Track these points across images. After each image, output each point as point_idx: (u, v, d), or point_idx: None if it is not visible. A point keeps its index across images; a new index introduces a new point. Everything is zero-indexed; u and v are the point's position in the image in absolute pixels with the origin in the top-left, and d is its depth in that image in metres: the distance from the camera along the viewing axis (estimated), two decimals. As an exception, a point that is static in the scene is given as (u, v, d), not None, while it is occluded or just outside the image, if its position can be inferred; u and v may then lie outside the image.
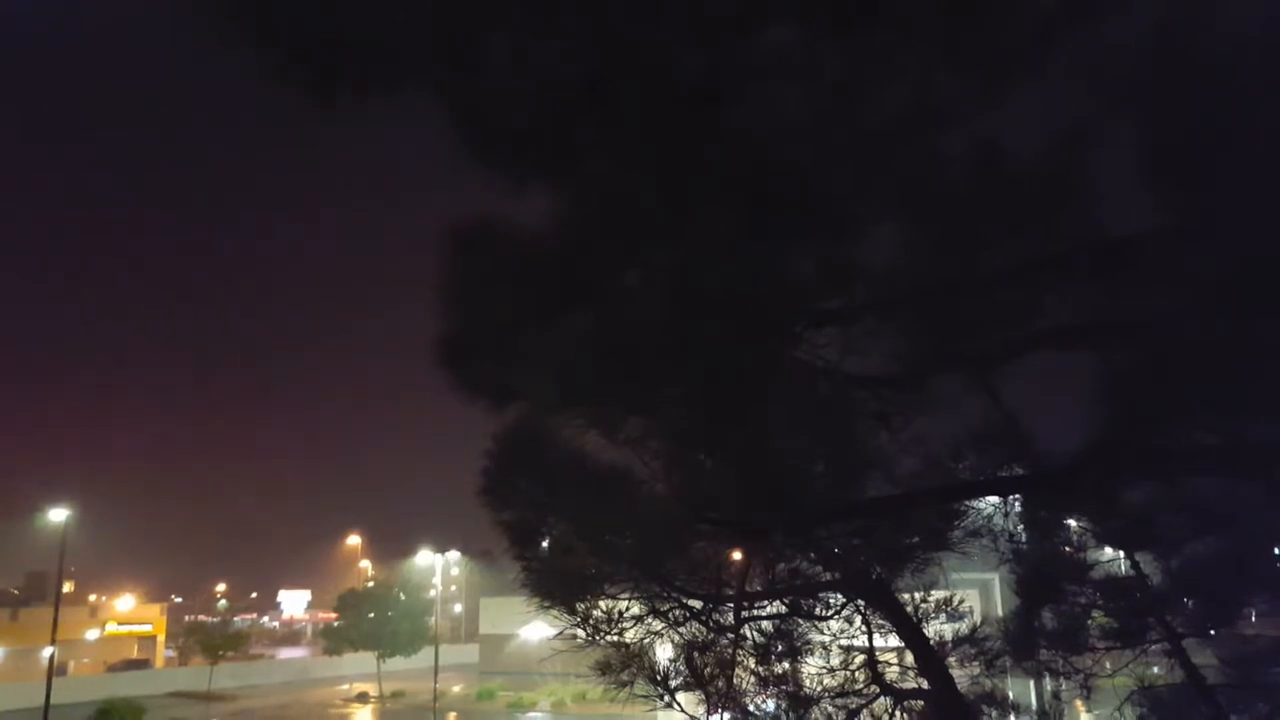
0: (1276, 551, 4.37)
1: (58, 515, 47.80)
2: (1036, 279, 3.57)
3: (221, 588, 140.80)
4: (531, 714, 43.11)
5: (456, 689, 51.20)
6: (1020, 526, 4.54)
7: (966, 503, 4.33)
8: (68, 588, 65.50)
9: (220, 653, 54.57)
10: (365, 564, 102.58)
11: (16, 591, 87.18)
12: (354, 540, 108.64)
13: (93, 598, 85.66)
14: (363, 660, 55.08)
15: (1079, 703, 4.61)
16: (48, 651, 46.51)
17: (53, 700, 42.18)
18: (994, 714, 4.38)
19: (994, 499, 4.49)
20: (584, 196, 3.68)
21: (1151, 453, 3.71)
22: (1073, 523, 4.49)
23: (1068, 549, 4.46)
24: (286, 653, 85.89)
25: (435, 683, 38.31)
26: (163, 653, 76.07)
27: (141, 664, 68.41)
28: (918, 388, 3.91)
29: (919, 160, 3.59)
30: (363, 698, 50.96)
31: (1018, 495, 4.48)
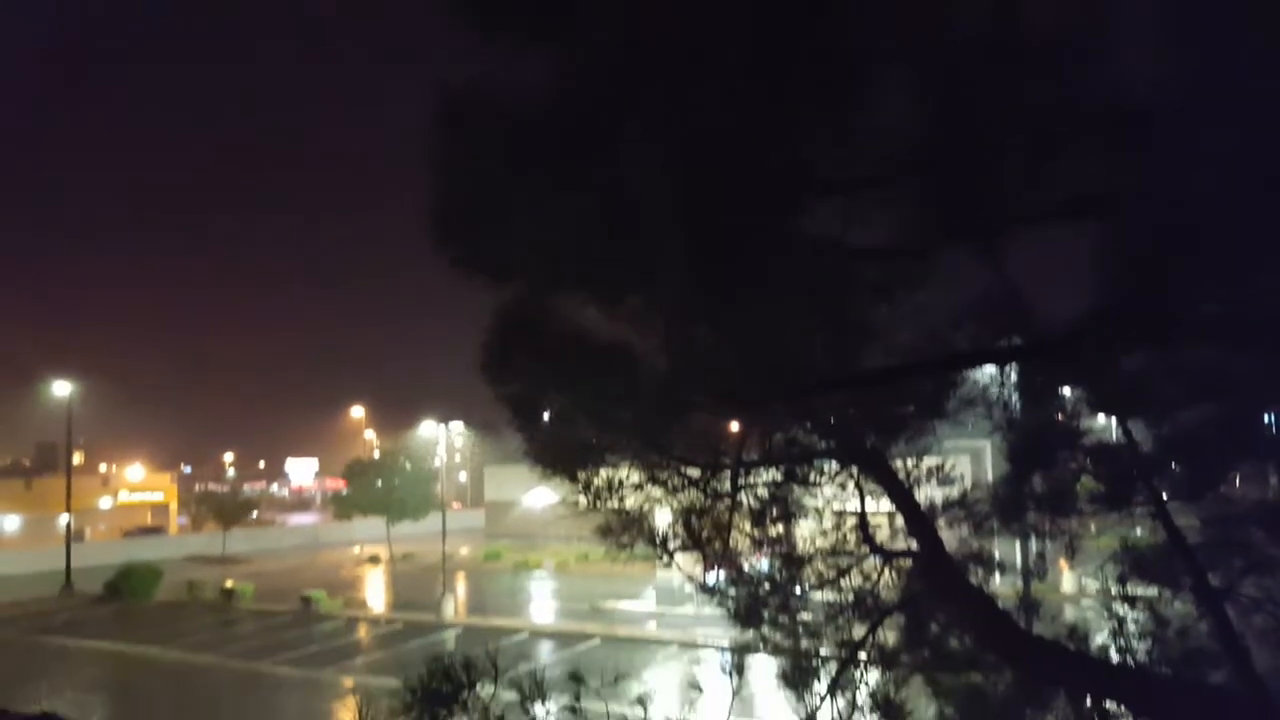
0: (1265, 418, 4.46)
1: (62, 388, 48.42)
2: (1047, 146, 3.51)
3: (229, 457, 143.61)
4: (536, 573, 44.71)
5: (464, 551, 52.96)
6: (1015, 395, 4.61)
7: (963, 373, 4.39)
8: (78, 459, 66.70)
9: (232, 519, 56.05)
10: (370, 434, 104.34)
11: (28, 462, 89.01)
12: (358, 411, 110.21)
13: (103, 468, 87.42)
14: (372, 525, 56.73)
15: (1063, 562, 4.79)
16: (64, 519, 47.91)
17: (74, 564, 43.72)
18: (980, 572, 4.55)
19: (991, 368, 4.55)
20: (581, 60, 3.57)
21: (1152, 321, 3.73)
22: (1067, 391, 4.56)
23: (1061, 416, 4.55)
24: (297, 519, 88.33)
25: (444, 544, 39.56)
26: (176, 520, 78.20)
27: (156, 530, 70.44)
28: (921, 259, 3.90)
29: (931, 9, 3.47)
30: (374, 560, 52.72)
31: (1015, 364, 4.53)
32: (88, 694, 23.56)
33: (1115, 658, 4.33)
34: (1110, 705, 4.08)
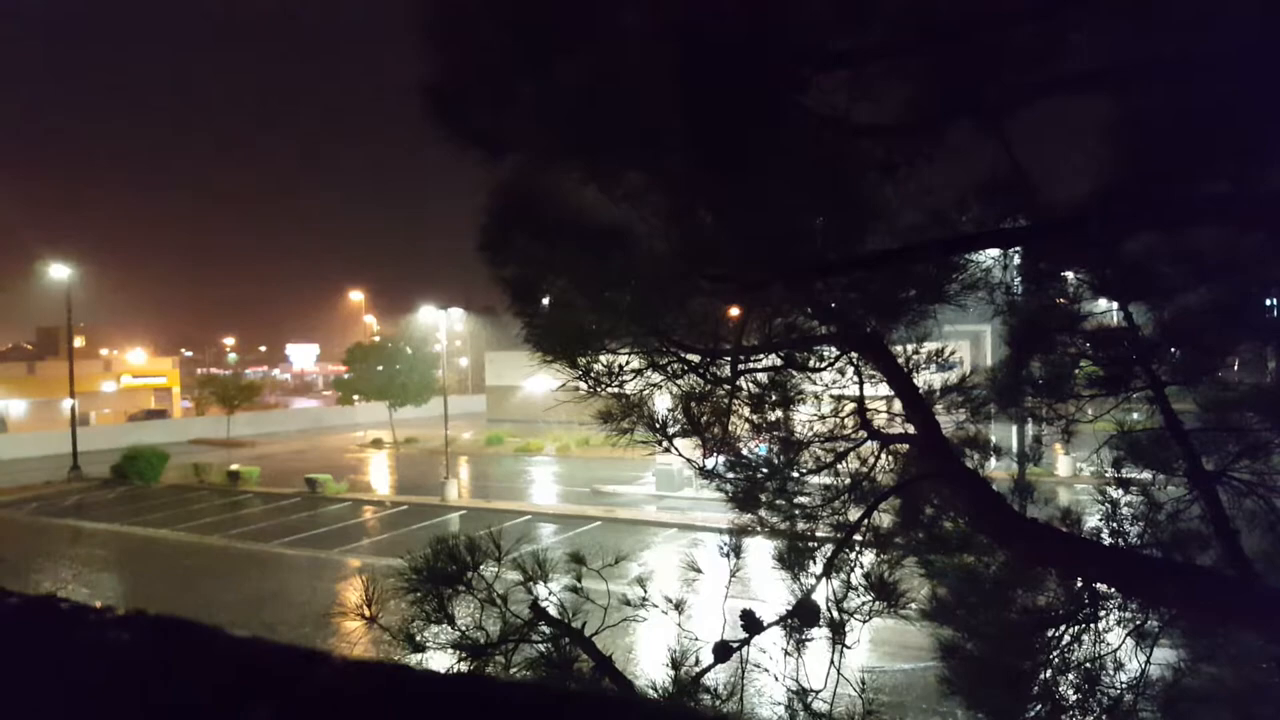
0: (1266, 301, 4.43)
1: (60, 271, 48.18)
2: (1057, 15, 3.36)
3: (230, 341, 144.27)
4: (537, 458, 45.48)
5: (466, 436, 53.75)
6: (1017, 279, 4.56)
7: (967, 255, 4.32)
8: (79, 343, 67.00)
9: (236, 403, 56.59)
10: (370, 319, 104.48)
11: (30, 345, 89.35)
12: (357, 296, 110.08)
13: (105, 352, 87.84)
14: (375, 409, 57.45)
15: (1058, 446, 4.83)
16: (68, 403, 48.38)
17: (79, 448, 44.38)
18: (975, 456, 4.59)
19: (994, 251, 4.49)
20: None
21: (1159, 200, 3.65)
22: (1069, 275, 4.51)
23: (1062, 300, 4.51)
24: (300, 403, 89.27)
25: (446, 429, 40.10)
26: (179, 403, 79.06)
27: (160, 414, 71.29)
28: (927, 135, 3.79)
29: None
30: (377, 443, 53.54)
31: (1018, 248, 4.47)
32: (98, 573, 24.24)
33: (1107, 540, 4.41)
34: (1101, 586, 4.17)
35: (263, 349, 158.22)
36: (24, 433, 57.23)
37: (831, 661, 4.25)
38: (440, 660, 3.96)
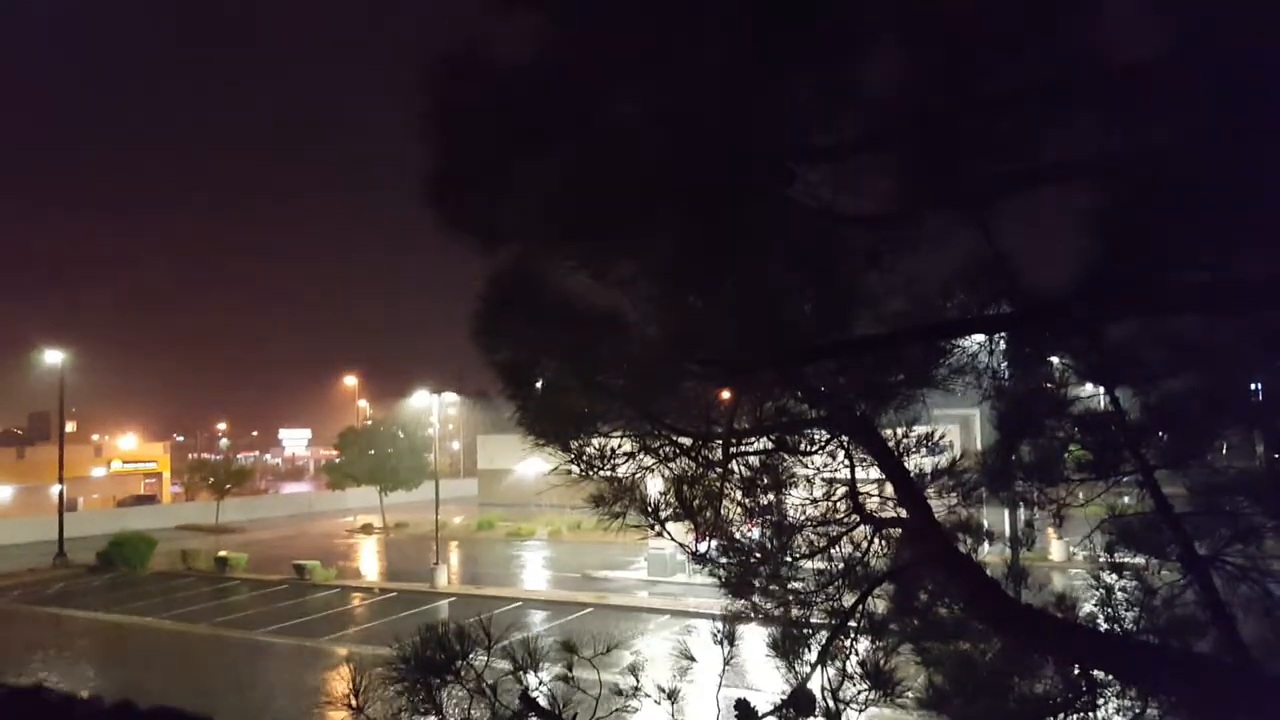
0: (1252, 386, 4.48)
1: (55, 356, 48.24)
2: (1037, 109, 3.48)
3: (223, 426, 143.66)
4: (529, 542, 44.94)
5: (457, 520, 53.17)
6: (1004, 364, 4.61)
7: (953, 341, 4.38)
8: (71, 427, 66.63)
9: (226, 488, 56.08)
10: (363, 404, 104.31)
11: (20, 431, 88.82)
12: (350, 380, 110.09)
13: (96, 437, 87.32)
14: (365, 494, 56.93)
15: (1051, 530, 4.82)
16: (56, 488, 47.91)
17: (66, 534, 43.77)
18: (968, 540, 4.58)
19: (980, 336, 4.55)
20: (571, 17, 3.53)
21: (1140, 288, 3.73)
22: (1055, 360, 4.57)
23: (1048, 385, 4.55)
24: (291, 487, 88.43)
25: (437, 514, 39.69)
26: (169, 489, 78.30)
27: (149, 500, 70.64)
28: (910, 224, 3.88)
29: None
30: (367, 529, 52.91)
31: (1003, 333, 4.53)
32: (80, 665, 23.66)
33: (1103, 626, 4.37)
34: (1099, 674, 4.12)
35: (255, 433, 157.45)
36: (10, 519, 56.47)
37: (828, 753, 4.17)
38: (428, 753, 3.87)
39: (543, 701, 4.06)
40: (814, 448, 4.60)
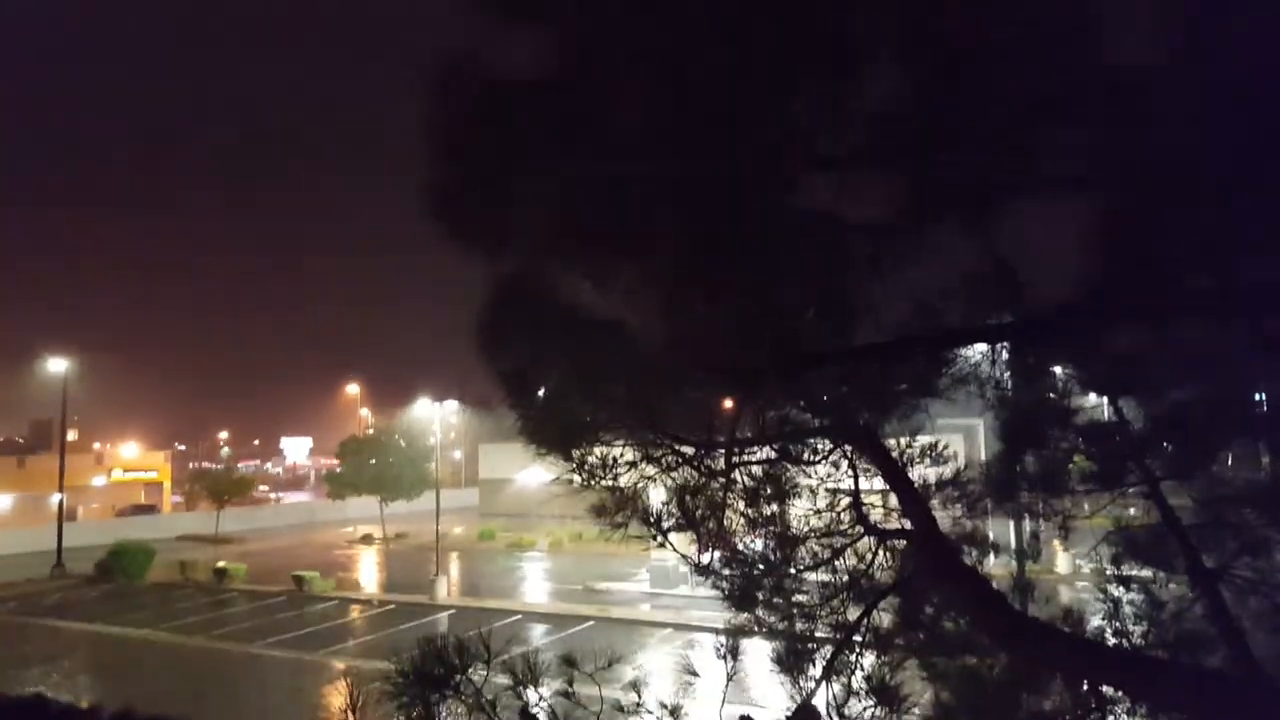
0: (1256, 396, 4.44)
1: (57, 364, 48.24)
2: (1040, 119, 3.46)
3: (224, 435, 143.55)
4: (530, 553, 44.82)
5: (458, 530, 53.06)
6: (1007, 374, 4.58)
7: (955, 350, 4.35)
8: (72, 436, 66.61)
9: (226, 497, 55.94)
10: (365, 412, 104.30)
11: (21, 440, 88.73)
12: (353, 389, 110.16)
13: (97, 446, 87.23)
14: (366, 504, 56.76)
15: (1056, 542, 4.77)
16: (56, 498, 47.84)
17: (65, 544, 43.67)
18: (974, 553, 4.53)
19: (982, 346, 4.52)
20: (576, 32, 3.52)
21: (1143, 296, 3.70)
22: (1058, 370, 4.53)
23: (1052, 395, 4.52)
24: (291, 497, 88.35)
25: (437, 524, 39.60)
26: (170, 498, 78.22)
27: (149, 509, 70.47)
28: (913, 233, 3.86)
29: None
30: (367, 539, 52.79)
31: (1006, 343, 4.50)
32: (75, 678, 23.56)
33: (1110, 640, 4.31)
34: (1107, 689, 4.07)
35: (256, 442, 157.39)
36: (9, 529, 56.37)
37: (832, 768, 4.11)
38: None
39: (543, 718, 4.01)
40: (817, 457, 4.56)
